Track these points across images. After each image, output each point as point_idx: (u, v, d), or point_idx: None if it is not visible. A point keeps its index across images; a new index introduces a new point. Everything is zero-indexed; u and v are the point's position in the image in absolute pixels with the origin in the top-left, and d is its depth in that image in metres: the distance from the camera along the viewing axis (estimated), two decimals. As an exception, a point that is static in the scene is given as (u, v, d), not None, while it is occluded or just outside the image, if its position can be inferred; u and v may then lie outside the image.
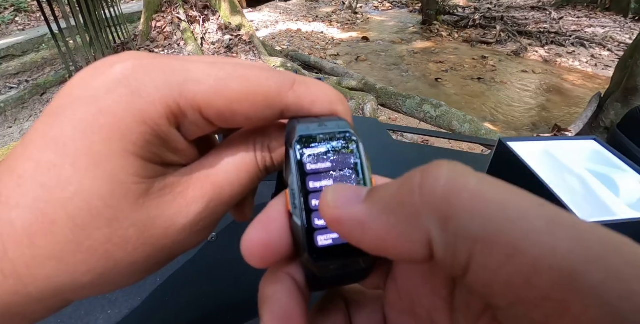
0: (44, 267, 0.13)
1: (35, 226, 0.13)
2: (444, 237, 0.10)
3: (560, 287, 0.08)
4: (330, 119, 0.15)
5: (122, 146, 0.13)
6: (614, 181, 0.43)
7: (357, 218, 0.11)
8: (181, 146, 0.15)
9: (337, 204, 0.12)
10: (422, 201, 0.10)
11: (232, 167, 0.16)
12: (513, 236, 0.09)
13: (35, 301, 0.13)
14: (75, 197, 0.13)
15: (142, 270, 0.15)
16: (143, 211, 0.14)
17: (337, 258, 0.13)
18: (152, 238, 0.14)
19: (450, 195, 0.10)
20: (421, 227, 0.10)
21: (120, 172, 0.13)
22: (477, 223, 0.09)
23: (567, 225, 0.09)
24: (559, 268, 0.08)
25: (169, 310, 0.34)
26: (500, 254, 0.09)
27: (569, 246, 0.08)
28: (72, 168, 0.13)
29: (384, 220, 0.11)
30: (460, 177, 0.10)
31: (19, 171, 0.13)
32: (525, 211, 0.09)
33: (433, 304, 0.14)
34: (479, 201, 0.09)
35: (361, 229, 0.11)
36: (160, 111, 0.13)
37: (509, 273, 0.09)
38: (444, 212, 0.10)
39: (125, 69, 0.14)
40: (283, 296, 0.14)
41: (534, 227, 0.09)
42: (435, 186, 0.10)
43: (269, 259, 0.14)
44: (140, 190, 0.14)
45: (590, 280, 0.08)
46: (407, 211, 0.10)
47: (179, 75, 0.14)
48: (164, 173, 0.15)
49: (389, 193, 0.11)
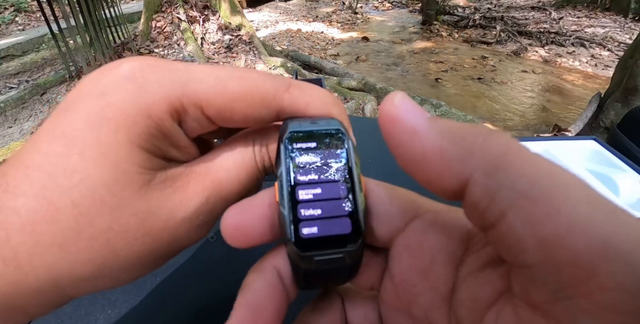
0: (44, 255, 0.13)
1: (39, 214, 0.13)
2: (488, 182, 0.10)
3: (591, 251, 0.09)
4: (323, 118, 0.16)
5: (128, 137, 0.14)
6: (614, 181, 0.43)
7: (413, 126, 0.12)
8: (183, 142, 0.16)
9: (401, 106, 0.13)
10: (483, 145, 0.11)
11: (231, 165, 0.16)
12: (556, 198, 0.09)
13: (35, 292, 0.13)
14: (81, 185, 0.13)
15: (141, 264, 0.15)
16: (144, 201, 0.14)
17: (321, 248, 0.14)
18: (151, 229, 0.14)
19: (508, 152, 0.11)
20: (468, 164, 0.11)
21: (125, 162, 0.14)
22: (526, 180, 0.10)
23: (605, 202, 0.09)
24: (592, 233, 0.09)
25: (168, 310, 0.34)
26: (541, 212, 0.09)
27: (605, 217, 0.09)
28: (79, 157, 0.13)
29: (438, 140, 0.12)
30: (520, 145, 0.11)
31: (27, 161, 0.13)
32: (570, 182, 0.10)
33: (431, 302, 0.14)
34: (531, 164, 0.10)
35: (412, 136, 0.12)
36: (164, 107, 0.14)
37: (544, 231, 0.09)
38: (498, 162, 0.10)
39: (133, 67, 0.15)
40: (261, 286, 0.14)
41: (576, 196, 0.09)
42: (498, 140, 0.11)
43: (240, 240, 0.14)
44: (143, 180, 0.14)
45: (621, 248, 0.08)
46: (465, 145, 0.11)
47: (182, 74, 0.15)
48: (166, 167, 0.15)
49: (454, 125, 0.12)
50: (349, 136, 0.15)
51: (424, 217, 0.15)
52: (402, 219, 0.15)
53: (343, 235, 0.14)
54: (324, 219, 0.14)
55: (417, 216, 0.15)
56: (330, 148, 0.15)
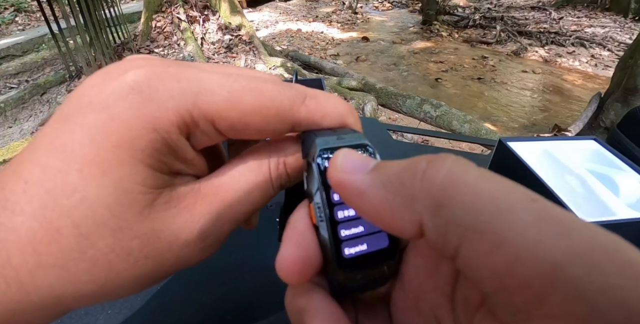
0: (46, 275, 0.13)
1: (39, 234, 0.12)
2: (436, 222, 0.11)
3: (540, 277, 0.09)
4: (346, 131, 0.16)
5: (131, 153, 0.13)
6: (614, 181, 0.43)
7: (359, 186, 0.12)
8: (189, 155, 0.15)
9: (344, 168, 0.13)
10: (421, 187, 0.11)
11: (243, 185, 0.15)
12: (501, 226, 0.09)
13: (37, 309, 0.13)
14: (81, 205, 0.13)
15: (143, 282, 0.15)
16: (147, 223, 0.14)
17: (363, 267, 0.14)
18: (155, 252, 0.14)
19: (448, 185, 0.11)
20: (415, 210, 0.11)
21: (127, 181, 0.13)
22: (469, 213, 0.10)
23: (555, 220, 0.09)
24: (540, 259, 0.09)
25: (169, 310, 0.34)
26: (488, 243, 0.09)
27: (554, 239, 0.09)
28: (78, 175, 0.13)
29: (382, 194, 0.12)
30: (461, 171, 0.11)
31: (26, 176, 0.13)
32: (515, 205, 0.10)
33: (436, 300, 0.14)
34: (473, 193, 0.10)
35: (360, 197, 0.12)
36: (172, 119, 0.13)
37: (494, 261, 0.09)
38: (439, 200, 0.10)
39: (139, 75, 0.14)
40: (325, 305, 0.14)
41: (522, 220, 0.09)
42: (436, 175, 0.11)
43: (307, 274, 0.14)
44: (146, 200, 0.14)
45: (571, 273, 0.08)
46: (406, 192, 0.11)
47: (193, 85, 0.14)
48: (171, 184, 0.15)
49: (393, 171, 0.12)
50: (375, 149, 0.15)
51: None
52: None
53: (383, 250, 0.14)
54: (363, 237, 0.14)
55: None
56: None
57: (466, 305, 0.13)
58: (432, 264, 0.14)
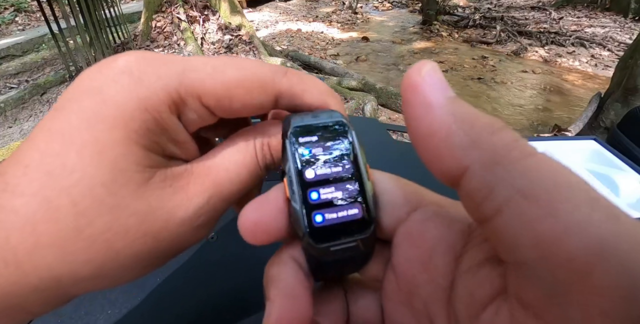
0: (45, 255, 0.13)
1: (39, 213, 0.13)
2: (487, 177, 0.10)
3: (587, 251, 0.09)
4: (324, 111, 0.16)
5: (125, 134, 0.14)
6: (614, 181, 0.43)
7: (430, 101, 0.12)
8: (182, 137, 0.16)
9: (426, 77, 0.12)
10: (489, 139, 0.11)
11: (232, 164, 0.16)
12: (556, 198, 0.09)
13: (35, 291, 0.13)
14: (79, 184, 0.13)
15: (141, 264, 0.15)
16: (144, 201, 0.14)
17: (335, 238, 0.14)
18: (151, 230, 0.14)
19: (514, 148, 0.11)
20: (469, 154, 0.11)
21: (122, 160, 0.14)
22: (525, 178, 0.10)
23: (606, 205, 0.09)
24: (590, 234, 0.09)
25: (168, 310, 0.34)
26: (539, 210, 0.09)
27: (603, 219, 0.09)
28: (76, 156, 0.13)
29: (447, 122, 0.11)
30: (529, 144, 0.11)
31: (26, 161, 0.13)
32: (572, 185, 0.10)
33: (431, 294, 0.14)
34: (536, 162, 0.10)
35: (425, 110, 0.12)
36: (162, 99, 0.14)
37: (541, 228, 0.09)
38: (497, 158, 0.11)
39: (129, 60, 0.14)
40: (289, 276, 0.14)
41: (576, 197, 0.09)
42: (507, 137, 0.11)
43: (260, 237, 0.14)
44: (142, 179, 0.14)
45: (618, 249, 0.09)
46: (471, 134, 0.11)
47: (178, 65, 0.15)
48: (165, 165, 0.15)
49: (472, 111, 0.12)
50: (351, 126, 0.15)
51: (426, 208, 0.15)
52: (404, 209, 0.15)
53: (355, 222, 0.14)
54: (335, 207, 0.14)
55: (419, 206, 0.15)
56: (335, 140, 0.15)
57: (471, 301, 0.12)
58: (426, 256, 0.14)
